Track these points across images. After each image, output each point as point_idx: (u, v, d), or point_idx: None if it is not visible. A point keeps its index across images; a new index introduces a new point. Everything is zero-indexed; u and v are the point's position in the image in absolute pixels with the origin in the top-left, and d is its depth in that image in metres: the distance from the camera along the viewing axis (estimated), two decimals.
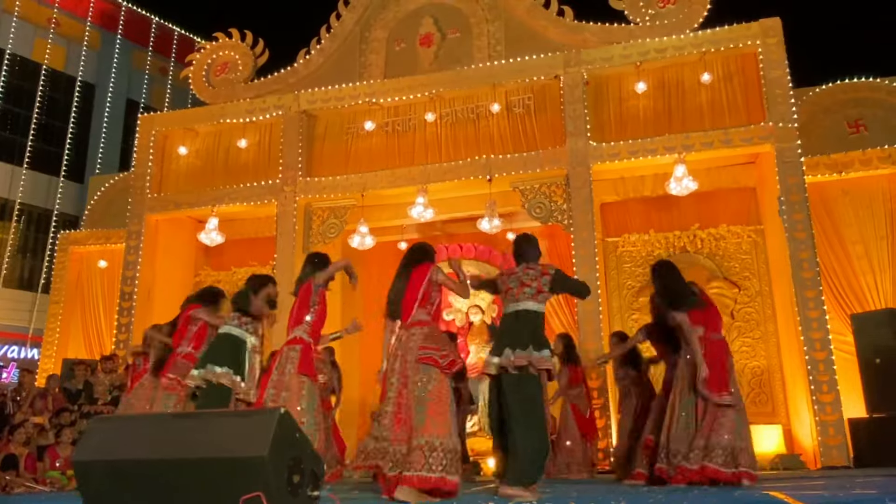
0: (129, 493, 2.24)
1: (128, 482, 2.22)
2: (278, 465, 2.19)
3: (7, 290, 17.44)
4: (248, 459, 2.13)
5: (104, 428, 2.38)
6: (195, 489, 2.18)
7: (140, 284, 11.52)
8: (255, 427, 2.18)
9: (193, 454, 2.18)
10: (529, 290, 4.61)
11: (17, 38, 18.39)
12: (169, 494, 2.20)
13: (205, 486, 2.17)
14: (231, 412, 2.99)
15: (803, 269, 8.91)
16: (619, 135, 10.17)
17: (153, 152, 12.04)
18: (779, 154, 9.27)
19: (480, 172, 10.29)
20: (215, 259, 12.40)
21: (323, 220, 11.13)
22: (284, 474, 2.22)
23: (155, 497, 2.21)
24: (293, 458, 2.27)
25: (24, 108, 18.53)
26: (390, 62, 11.48)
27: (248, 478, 2.14)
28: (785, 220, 9.13)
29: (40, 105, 18.79)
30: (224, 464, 2.15)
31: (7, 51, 18.21)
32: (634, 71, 10.13)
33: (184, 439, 2.23)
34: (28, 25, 18.64)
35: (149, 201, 11.80)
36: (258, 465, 2.12)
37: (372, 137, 11.13)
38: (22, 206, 18.12)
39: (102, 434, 2.34)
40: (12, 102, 18.30)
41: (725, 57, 9.95)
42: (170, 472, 2.19)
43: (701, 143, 9.60)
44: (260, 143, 11.74)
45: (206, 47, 12.60)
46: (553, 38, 10.77)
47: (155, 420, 2.41)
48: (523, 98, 10.70)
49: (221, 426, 2.22)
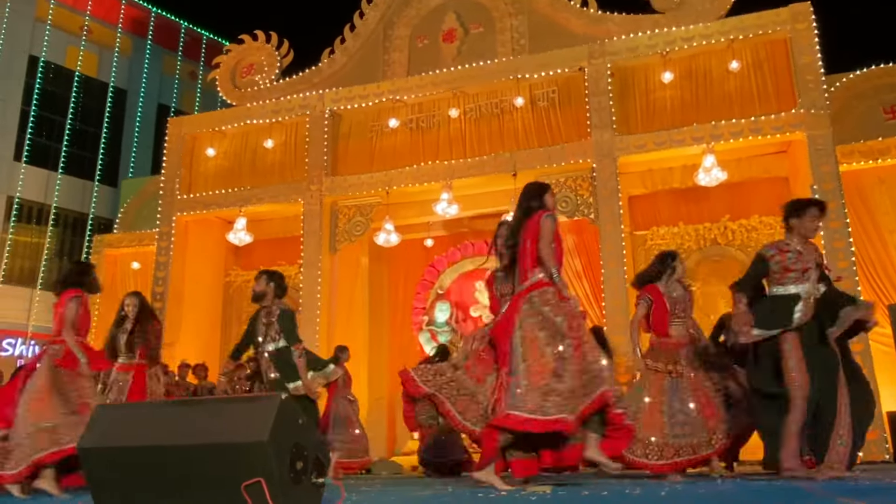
0: (133, 479, 2.28)
1: (131, 469, 2.27)
2: (280, 451, 2.21)
3: (45, 293, 17.91)
4: (248, 445, 2.16)
5: (108, 415, 2.43)
6: (197, 475, 2.21)
7: (171, 285, 11.72)
8: (255, 413, 2.21)
9: (194, 440, 2.21)
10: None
11: (51, 45, 18.88)
12: (171, 481, 2.24)
13: (206, 473, 2.20)
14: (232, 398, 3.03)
15: (838, 259, 8.71)
16: (645, 126, 10.06)
17: (182, 155, 12.24)
18: (811, 142, 9.07)
19: (505, 168, 10.27)
20: (244, 259, 12.56)
21: (349, 218, 11.21)
22: (287, 461, 2.24)
23: (158, 483, 2.25)
24: (296, 445, 2.29)
25: (58, 114, 19.01)
26: (413, 59, 11.52)
27: (250, 464, 2.16)
28: None
29: (74, 111, 19.26)
30: (225, 450, 2.18)
31: (41, 58, 18.70)
32: (661, 61, 10.01)
33: (185, 426, 2.26)
34: (61, 33, 19.12)
35: (178, 203, 12.01)
36: (259, 451, 2.15)
37: (396, 135, 11.18)
38: (58, 211, 18.60)
39: (106, 421, 2.39)
40: (47, 109, 18.79)
41: (754, 44, 9.78)
42: (171, 459, 2.22)
43: (730, 133, 9.44)
44: (286, 143, 11.86)
45: (232, 50, 12.78)
46: (577, 30, 10.70)
47: (157, 407, 2.46)
48: (547, 91, 10.65)
49: (223, 412, 2.26)
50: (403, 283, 12.29)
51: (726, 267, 10.05)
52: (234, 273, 12.63)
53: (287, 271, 12.17)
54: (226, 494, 2.21)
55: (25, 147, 18.21)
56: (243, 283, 12.56)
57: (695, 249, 10.33)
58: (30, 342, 17.23)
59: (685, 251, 10.35)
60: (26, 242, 18.14)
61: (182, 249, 11.96)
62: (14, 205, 17.86)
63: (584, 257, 11.03)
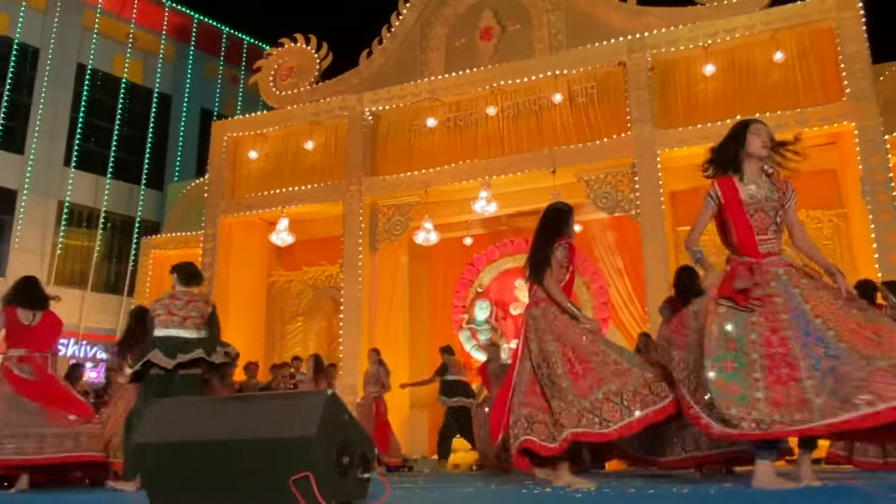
0: (185, 473, 2.34)
1: (183, 462, 2.33)
2: (327, 446, 2.25)
3: (95, 293, 18.43)
4: (296, 440, 2.19)
5: (162, 411, 2.50)
6: (246, 469, 2.26)
7: (216, 285, 11.93)
8: (303, 409, 2.24)
9: (244, 435, 2.26)
10: None
11: (98, 54, 19.40)
12: (222, 474, 2.30)
13: (255, 467, 2.25)
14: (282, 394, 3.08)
15: (889, 252, 8.46)
16: (687, 120, 9.90)
17: (225, 157, 12.46)
18: (860, 133, 8.82)
19: (544, 164, 10.21)
20: (287, 259, 12.73)
21: (388, 217, 11.28)
22: (333, 455, 2.27)
23: (209, 477, 2.31)
24: (343, 440, 2.33)
25: (105, 120, 19.51)
26: (450, 58, 11.54)
27: (297, 458, 2.20)
28: (868, 203, 8.69)
29: (121, 117, 19.75)
30: (273, 444, 2.22)
31: (89, 66, 19.23)
32: (702, 53, 9.84)
33: (235, 421, 2.32)
34: (108, 42, 19.63)
35: (222, 205, 12.22)
36: (306, 446, 2.18)
37: (434, 134, 11.21)
38: (107, 214, 19.09)
39: (160, 417, 2.46)
40: (95, 116, 19.31)
41: (799, 34, 9.54)
42: (222, 453, 2.28)
43: (775, 125, 9.08)
44: (326, 145, 11.99)
45: (272, 53, 12.95)
46: (615, 24, 10.59)
47: (209, 403, 2.53)
48: (586, 87, 10.56)
49: (271, 408, 2.31)
50: (443, 282, 12.32)
51: None
52: (276, 273, 12.81)
53: (328, 271, 12.38)
54: (275, 488, 2.26)
55: (74, 153, 18.73)
56: (286, 283, 12.75)
57: None
58: (82, 342, 17.73)
59: None
60: (77, 246, 18.66)
61: (226, 251, 12.17)
62: (64, 209, 18.39)
63: (626, 254, 10.92)
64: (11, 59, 17.89)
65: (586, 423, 3.61)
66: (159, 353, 4.96)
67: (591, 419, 3.61)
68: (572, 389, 3.72)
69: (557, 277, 4.12)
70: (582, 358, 3.83)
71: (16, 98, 17.90)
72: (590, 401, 3.67)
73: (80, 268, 18.45)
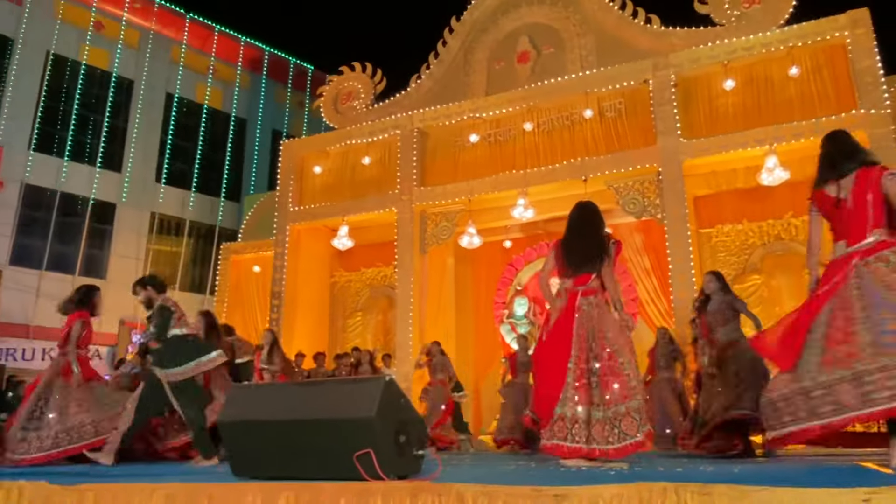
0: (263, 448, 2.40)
1: (261, 439, 2.39)
2: (385, 426, 2.27)
3: (183, 293, 18.93)
4: (358, 420, 2.22)
5: (242, 395, 2.57)
6: (315, 446, 2.30)
7: (286, 285, 12.16)
8: (364, 392, 2.28)
9: (313, 416, 2.30)
10: None
11: (183, 84, 19.97)
12: (294, 450, 2.34)
13: (323, 444, 2.29)
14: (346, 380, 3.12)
15: None
16: (709, 131, 9.69)
17: (293, 173, 12.68)
18: (872, 140, 8.48)
19: (576, 174, 10.13)
20: (347, 261, 12.88)
21: (436, 223, 11.32)
22: (391, 435, 2.30)
23: (283, 452, 2.36)
24: (399, 421, 2.35)
25: (190, 142, 20.07)
26: (491, 80, 11.54)
27: (360, 437, 2.23)
28: None
29: (203, 138, 20.29)
30: (339, 424, 2.26)
31: (175, 95, 19.81)
32: (722, 70, 9.63)
33: (304, 404, 2.36)
34: (191, 73, 20.18)
35: (291, 214, 12.44)
36: (367, 426, 2.21)
37: (476, 148, 11.22)
38: (192, 224, 19.62)
39: (241, 399, 2.52)
40: (181, 138, 19.87)
41: (813, 50, 9.26)
42: (294, 431, 2.32)
43: (791, 134, 8.98)
44: (380, 160, 12.09)
45: (333, 80, 13.14)
46: (641, 45, 10.44)
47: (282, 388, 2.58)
48: (615, 103, 10.43)
49: (336, 392, 2.34)
50: (485, 281, 12.31)
51: (790, 261, 9.56)
52: (338, 274, 12.97)
53: (383, 272, 12.48)
54: (339, 463, 2.29)
55: (164, 170, 19.31)
56: (346, 282, 12.90)
57: (759, 245, 9.86)
58: None
59: (749, 247, 9.92)
60: (166, 251, 19.21)
61: (295, 255, 12.37)
62: (155, 219, 18.96)
63: (652, 255, 10.73)
64: (110, 90, 18.54)
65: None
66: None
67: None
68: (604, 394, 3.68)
69: (608, 271, 4.04)
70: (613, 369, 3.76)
71: (114, 124, 18.54)
72: (613, 411, 3.64)
73: (170, 271, 18.98)
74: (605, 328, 3.86)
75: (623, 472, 3.23)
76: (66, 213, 17.34)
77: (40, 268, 16.59)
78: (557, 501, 1.93)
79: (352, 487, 2.13)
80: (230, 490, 2.30)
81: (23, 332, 15.80)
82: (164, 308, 5.31)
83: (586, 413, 3.66)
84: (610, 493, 1.91)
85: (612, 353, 3.76)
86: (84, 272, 17.25)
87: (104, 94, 18.42)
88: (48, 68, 17.43)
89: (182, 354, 5.13)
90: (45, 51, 17.43)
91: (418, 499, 2.02)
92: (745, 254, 9.95)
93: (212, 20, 20.57)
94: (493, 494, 1.98)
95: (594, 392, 3.70)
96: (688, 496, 1.84)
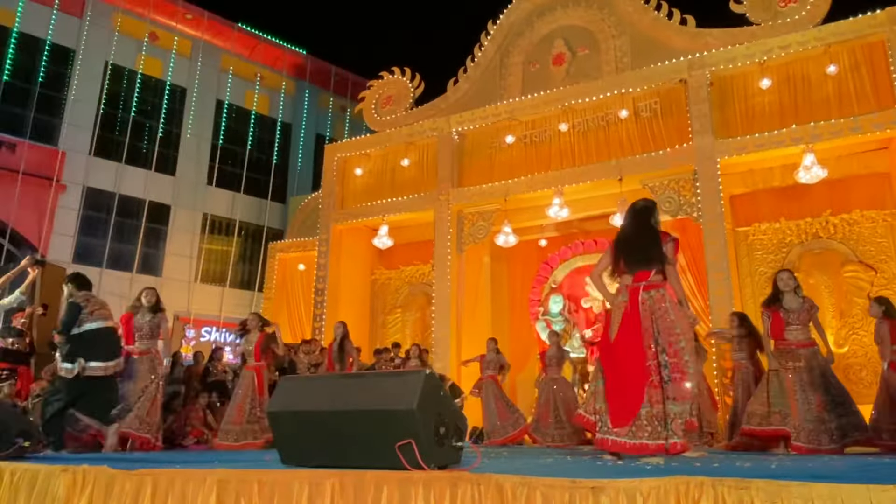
0: (310, 436, 2.44)
1: (308, 428, 2.43)
2: (426, 417, 2.28)
3: (232, 290, 19.36)
4: (400, 412, 2.24)
5: (290, 386, 2.61)
6: (359, 435, 2.33)
7: (329, 283, 12.30)
8: (406, 385, 2.29)
9: (357, 406, 2.33)
10: None
11: (233, 91, 20.40)
12: (339, 438, 2.38)
13: (367, 434, 2.31)
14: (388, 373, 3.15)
15: None
16: (745, 129, 9.45)
17: (336, 174, 12.80)
18: None
19: (611, 174, 9.99)
20: (386, 260, 12.96)
21: (472, 223, 11.31)
22: (431, 426, 2.31)
23: (328, 440, 2.39)
24: (439, 413, 2.36)
25: (238, 146, 20.48)
26: (526, 82, 11.46)
27: (401, 428, 2.25)
28: None
29: (251, 143, 20.69)
30: (381, 415, 2.28)
31: (226, 102, 20.24)
32: (758, 69, 9.38)
33: (348, 395, 2.39)
34: (240, 80, 20.60)
35: (333, 214, 12.57)
36: (409, 417, 2.23)
37: (512, 149, 11.16)
38: (241, 224, 20.03)
39: (288, 391, 2.57)
40: (230, 142, 20.29)
41: (851, 48, 8.95)
42: (339, 421, 2.35)
43: (829, 132, 8.70)
44: (419, 161, 12.13)
45: (373, 85, 13.23)
46: (676, 45, 10.24)
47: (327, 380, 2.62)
48: (650, 103, 10.26)
49: (378, 385, 2.37)
50: (521, 279, 12.24)
51: (828, 258, 9.27)
52: (378, 272, 13.05)
53: (422, 269, 12.51)
54: (382, 452, 2.31)
55: (215, 173, 19.75)
56: (386, 279, 12.98)
57: (796, 243, 9.58)
58: (222, 329, 18.65)
59: (787, 245, 9.64)
60: (217, 250, 19.64)
61: (337, 253, 12.50)
62: (207, 220, 19.40)
63: (688, 253, 10.50)
64: (164, 97, 19.05)
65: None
66: None
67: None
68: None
69: (671, 269, 4.04)
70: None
71: (168, 130, 19.04)
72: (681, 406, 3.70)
73: (220, 268, 19.42)
74: (670, 322, 3.84)
75: (659, 466, 3.18)
76: (123, 214, 17.88)
77: (101, 265, 17.13)
78: (595, 494, 1.91)
79: (394, 476, 2.15)
80: (278, 477, 2.35)
81: None
82: (72, 304, 5.32)
83: (663, 409, 3.65)
84: (648, 486, 1.88)
85: (679, 351, 3.75)
86: (141, 270, 17.76)
87: (158, 102, 18.93)
88: (106, 77, 18.00)
89: (96, 348, 5.21)
90: (103, 61, 18.01)
91: (458, 488, 2.03)
92: (782, 252, 9.68)
93: (258, 29, 20.95)
94: (532, 485, 1.98)
95: (668, 388, 3.69)
96: (724, 490, 1.80)
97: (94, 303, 5.46)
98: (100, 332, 5.31)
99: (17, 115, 16.56)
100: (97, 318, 5.34)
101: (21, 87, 16.78)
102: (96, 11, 17.97)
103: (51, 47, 17.26)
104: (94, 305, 5.41)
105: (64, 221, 16.80)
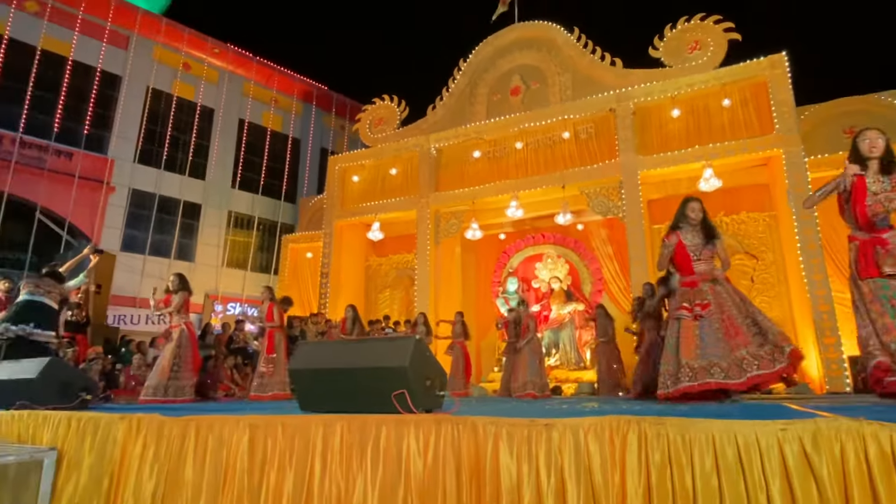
0: (323, 388, 2.45)
1: (322, 382, 2.44)
2: (416, 373, 2.31)
3: (253, 273, 19.07)
4: (395, 368, 2.27)
5: (307, 349, 2.61)
6: (363, 387, 2.35)
7: (332, 268, 12.22)
8: (400, 348, 2.32)
9: (361, 364, 2.35)
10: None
11: (252, 111, 19.97)
12: (347, 390, 2.39)
13: (369, 385, 2.33)
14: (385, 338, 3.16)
15: (808, 242, 8.10)
16: (660, 148, 9.63)
17: (337, 181, 12.69)
18: (787, 157, 8.45)
19: (556, 182, 10.10)
20: (378, 249, 12.91)
21: (447, 221, 11.32)
22: (421, 379, 2.34)
23: (338, 391, 2.41)
24: (425, 370, 2.39)
25: (257, 156, 20.10)
26: (490, 108, 11.48)
27: (397, 381, 2.27)
28: (792, 207, 8.32)
29: (267, 154, 20.32)
30: (381, 371, 2.30)
31: (246, 120, 19.83)
32: (670, 101, 9.56)
33: (354, 356, 2.41)
34: (258, 103, 20.17)
35: (335, 213, 12.47)
36: (402, 373, 2.25)
37: (478, 162, 11.19)
38: (260, 220, 19.71)
39: (306, 353, 2.57)
40: (250, 153, 19.91)
41: (741, 86, 9.17)
42: (347, 376, 2.37)
43: (724, 152, 8.92)
44: (404, 171, 12.09)
45: (368, 109, 13.12)
46: (608, 82, 10.36)
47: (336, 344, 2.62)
48: (587, 127, 10.38)
49: (377, 348, 2.39)
50: (485, 265, 12.32)
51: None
52: (371, 259, 13.00)
53: (406, 258, 12.50)
54: (381, 400, 2.34)
55: (238, 178, 19.38)
56: (377, 265, 12.94)
57: None
58: (244, 305, 18.40)
59: None
60: (240, 241, 19.31)
61: (339, 244, 12.42)
62: (231, 216, 19.05)
63: (615, 244, 10.72)
64: (195, 116, 18.58)
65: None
66: None
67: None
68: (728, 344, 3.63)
69: (723, 255, 3.97)
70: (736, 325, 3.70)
71: (199, 143, 18.58)
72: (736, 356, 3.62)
73: (243, 256, 19.12)
74: (736, 295, 3.82)
75: (595, 408, 3.27)
76: (162, 211, 17.46)
77: (144, 253, 16.74)
78: (547, 429, 1.97)
79: (391, 418, 2.18)
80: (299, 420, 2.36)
81: (130, 302, 15.99)
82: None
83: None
84: (588, 423, 1.94)
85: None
86: (177, 256, 17.39)
87: (191, 120, 18.46)
88: (148, 99, 17.48)
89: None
90: (145, 85, 17.48)
91: (442, 427, 2.07)
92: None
93: (274, 61, 20.53)
94: (499, 424, 2.03)
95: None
96: (646, 426, 1.87)
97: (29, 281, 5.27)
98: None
99: (72, 130, 16.02)
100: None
101: (76, 106, 16.22)
102: (139, 44, 17.41)
103: (101, 74, 16.69)
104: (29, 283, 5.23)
105: (113, 217, 16.35)
